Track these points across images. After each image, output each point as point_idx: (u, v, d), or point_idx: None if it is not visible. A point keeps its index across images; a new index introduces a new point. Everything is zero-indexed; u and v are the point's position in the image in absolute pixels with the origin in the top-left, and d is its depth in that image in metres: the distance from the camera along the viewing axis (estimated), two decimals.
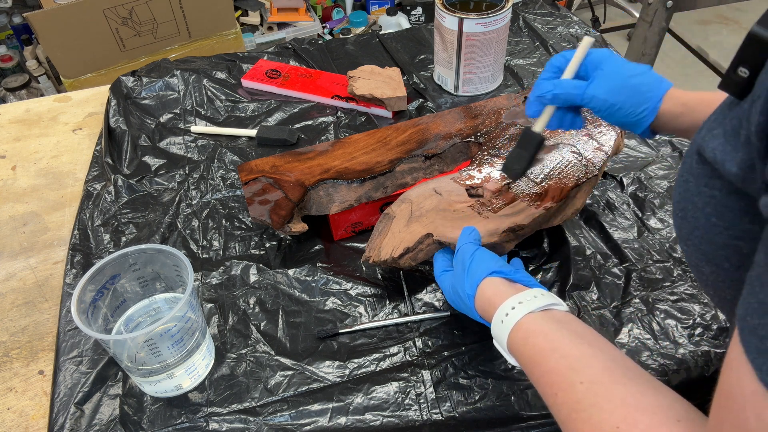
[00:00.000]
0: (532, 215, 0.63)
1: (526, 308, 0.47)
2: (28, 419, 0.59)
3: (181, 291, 0.60)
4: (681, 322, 0.63)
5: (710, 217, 0.33)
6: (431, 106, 0.93)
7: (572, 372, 0.41)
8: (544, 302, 0.47)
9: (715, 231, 0.33)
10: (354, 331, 0.63)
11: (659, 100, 0.54)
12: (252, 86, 0.98)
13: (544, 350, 0.44)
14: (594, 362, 0.41)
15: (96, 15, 1.45)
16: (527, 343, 0.45)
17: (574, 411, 0.39)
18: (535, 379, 0.44)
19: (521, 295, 0.48)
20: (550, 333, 0.44)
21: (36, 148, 0.91)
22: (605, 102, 0.55)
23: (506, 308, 0.48)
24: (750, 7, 2.66)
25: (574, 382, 0.40)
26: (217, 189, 0.81)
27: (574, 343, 0.43)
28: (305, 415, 0.56)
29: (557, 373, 0.42)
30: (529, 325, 0.46)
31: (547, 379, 0.42)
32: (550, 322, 0.45)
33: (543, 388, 0.43)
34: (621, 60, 0.56)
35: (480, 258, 0.54)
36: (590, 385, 0.39)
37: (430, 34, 1.11)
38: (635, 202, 0.76)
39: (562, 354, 0.42)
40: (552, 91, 0.57)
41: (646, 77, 0.55)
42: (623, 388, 0.38)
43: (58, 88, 1.91)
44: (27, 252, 0.75)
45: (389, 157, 0.73)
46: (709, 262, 0.34)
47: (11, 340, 0.66)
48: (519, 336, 0.46)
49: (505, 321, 0.47)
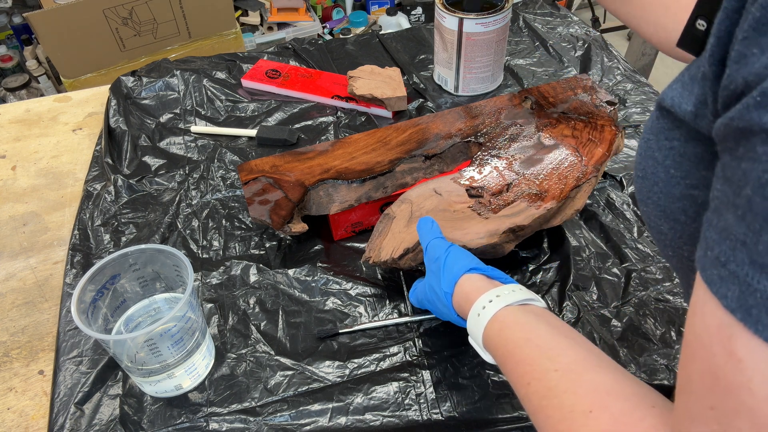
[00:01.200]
0: (533, 216, 0.63)
1: (503, 301, 0.46)
2: (28, 419, 0.59)
3: (181, 291, 0.60)
4: (681, 322, 0.63)
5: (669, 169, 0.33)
6: (431, 106, 0.93)
7: (546, 360, 0.41)
8: (521, 296, 0.47)
9: (673, 182, 0.33)
10: (354, 331, 0.63)
11: None
12: (252, 86, 0.98)
13: (519, 340, 0.43)
14: (569, 351, 0.41)
15: (96, 15, 1.45)
16: (502, 335, 0.45)
17: (545, 398, 0.39)
18: (508, 370, 0.44)
19: (499, 289, 0.48)
20: (525, 324, 0.44)
21: (36, 148, 0.91)
22: None
23: (483, 302, 0.47)
24: None
25: (548, 369, 0.40)
26: (217, 189, 0.81)
27: (550, 334, 0.43)
28: (305, 415, 0.56)
29: (531, 362, 0.41)
30: (506, 317, 0.46)
31: (521, 368, 0.42)
32: (527, 314, 0.45)
33: (516, 378, 0.42)
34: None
35: (456, 255, 0.54)
36: (564, 372, 0.39)
37: (430, 34, 1.11)
38: (635, 202, 0.76)
39: (537, 344, 0.42)
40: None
41: None
42: (597, 376, 0.38)
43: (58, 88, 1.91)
44: (27, 252, 0.75)
45: (389, 157, 0.73)
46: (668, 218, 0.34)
47: (11, 340, 0.66)
48: (494, 328, 0.46)
49: (481, 314, 0.47)
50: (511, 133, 0.75)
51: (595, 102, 0.77)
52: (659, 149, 0.34)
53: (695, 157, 0.32)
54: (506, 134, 0.75)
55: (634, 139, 0.86)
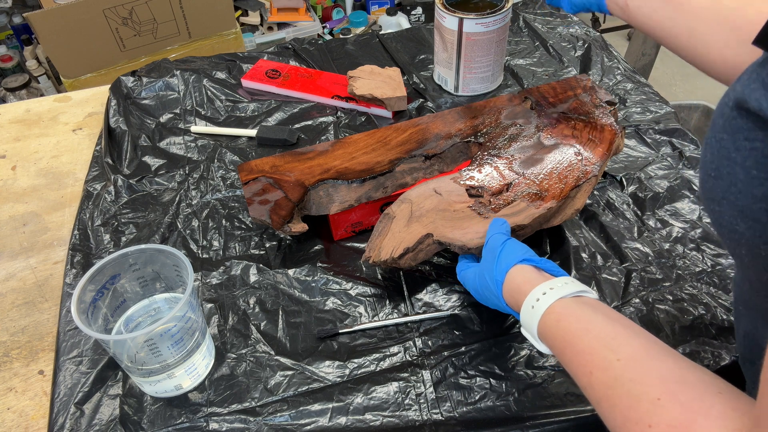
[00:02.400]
0: (533, 215, 0.63)
1: (557, 294, 0.47)
2: (28, 419, 0.59)
3: (181, 291, 0.60)
4: (681, 322, 0.63)
5: (750, 170, 0.33)
6: (431, 106, 0.93)
7: (608, 350, 0.41)
8: (575, 288, 0.47)
9: (756, 183, 0.33)
10: (354, 331, 0.63)
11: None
12: (252, 86, 0.98)
13: (578, 331, 0.44)
14: (630, 341, 0.41)
15: (96, 15, 1.45)
16: (559, 327, 0.45)
17: (611, 388, 0.39)
18: (566, 361, 0.44)
19: (552, 281, 0.48)
20: (582, 315, 0.45)
21: (36, 148, 0.91)
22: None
23: (537, 294, 0.48)
24: None
25: (610, 359, 0.40)
26: (217, 189, 0.81)
27: (608, 324, 0.43)
28: (305, 415, 0.56)
29: (591, 352, 0.42)
30: (561, 309, 0.46)
31: (581, 359, 0.42)
32: (582, 306, 0.46)
33: (576, 368, 0.43)
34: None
35: (510, 247, 0.54)
36: (628, 361, 0.39)
37: (430, 34, 1.11)
38: (635, 202, 0.76)
39: (596, 335, 0.42)
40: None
41: None
42: (662, 364, 0.38)
43: (58, 88, 1.91)
44: (27, 252, 0.75)
45: (389, 157, 0.73)
46: (746, 218, 0.34)
47: (11, 340, 0.66)
48: (551, 320, 0.46)
49: (536, 306, 0.47)
50: (511, 133, 0.75)
51: (595, 102, 0.77)
52: (737, 150, 0.34)
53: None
54: (506, 134, 0.75)
55: (634, 139, 0.86)
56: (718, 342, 0.61)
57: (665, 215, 0.74)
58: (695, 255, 0.69)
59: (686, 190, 0.77)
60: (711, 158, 0.36)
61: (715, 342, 0.61)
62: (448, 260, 0.71)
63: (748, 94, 0.33)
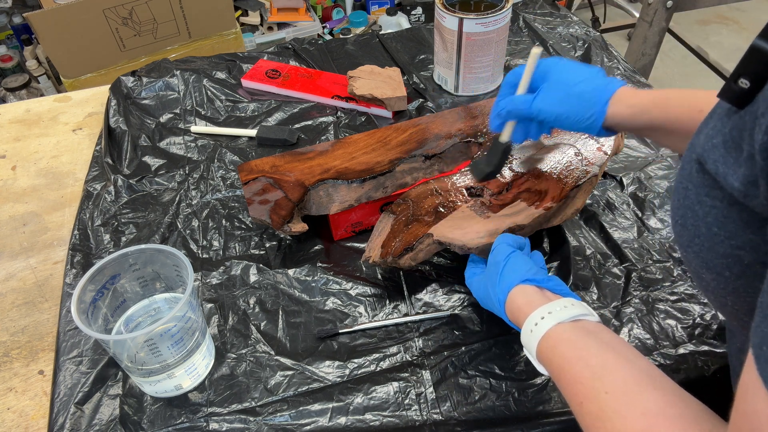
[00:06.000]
0: (532, 215, 0.63)
1: (555, 318, 0.47)
2: (28, 419, 0.59)
3: (181, 291, 0.60)
4: (681, 322, 0.63)
5: (711, 226, 0.33)
6: (431, 106, 0.93)
7: (596, 380, 0.41)
8: (573, 312, 0.47)
9: (716, 240, 0.33)
10: (354, 331, 0.63)
11: (605, 104, 0.55)
12: (252, 86, 0.98)
13: (570, 359, 0.44)
14: (619, 371, 0.41)
15: (96, 15, 1.45)
16: (554, 353, 0.45)
17: (599, 419, 0.40)
18: (562, 388, 0.44)
19: (551, 305, 0.48)
20: (576, 342, 0.45)
21: (36, 148, 0.91)
22: (551, 113, 0.57)
23: (535, 318, 0.48)
24: (750, 7, 2.66)
25: (598, 390, 0.40)
26: (217, 189, 0.81)
27: (600, 352, 0.43)
28: (305, 415, 0.56)
29: (582, 381, 0.42)
30: (557, 335, 0.46)
31: (573, 388, 0.43)
32: (579, 331, 0.46)
33: (569, 396, 0.43)
34: (568, 67, 0.58)
35: (513, 263, 0.54)
36: (614, 394, 0.40)
37: (430, 34, 1.11)
38: (635, 202, 0.76)
39: (587, 363, 0.43)
40: (505, 108, 0.60)
41: (590, 83, 0.56)
42: (647, 397, 0.39)
43: (58, 88, 1.91)
44: (27, 252, 0.75)
45: (389, 157, 0.73)
46: (710, 270, 0.34)
47: (11, 340, 0.66)
48: (547, 345, 0.46)
49: (534, 330, 0.47)
50: None
51: None
52: (699, 204, 0.34)
53: (741, 221, 0.32)
54: None
55: (634, 139, 0.86)
56: (718, 342, 0.61)
57: (665, 215, 0.74)
58: None
59: None
60: (677, 205, 0.36)
61: (715, 342, 0.61)
62: (448, 260, 0.71)
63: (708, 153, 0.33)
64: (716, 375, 0.58)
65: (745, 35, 2.54)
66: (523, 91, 0.60)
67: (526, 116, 0.59)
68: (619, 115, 0.54)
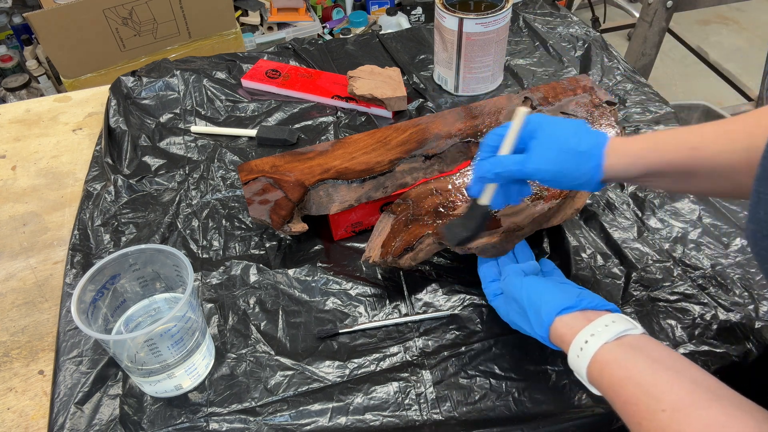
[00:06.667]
0: (532, 215, 0.63)
1: (599, 340, 0.46)
2: (28, 419, 0.59)
3: (181, 291, 0.60)
4: (681, 322, 0.63)
5: None
6: (431, 106, 0.93)
7: (651, 399, 0.41)
8: (616, 330, 0.47)
9: None
10: (354, 331, 0.63)
11: (601, 156, 0.52)
12: (252, 86, 0.98)
13: (621, 379, 0.44)
14: (674, 387, 0.41)
15: (96, 15, 1.45)
16: (603, 375, 0.45)
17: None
18: (617, 409, 0.44)
19: (592, 326, 0.48)
20: (624, 361, 0.44)
21: (36, 148, 0.91)
22: (548, 171, 0.53)
23: (579, 342, 0.47)
24: (750, 7, 2.66)
25: (655, 410, 0.40)
26: (217, 189, 0.81)
27: (651, 369, 0.43)
28: (305, 415, 0.56)
29: (636, 402, 0.42)
30: (604, 356, 0.46)
31: (629, 409, 0.42)
32: (625, 349, 0.45)
33: (626, 417, 0.43)
34: (554, 123, 0.55)
35: (541, 294, 0.53)
36: (672, 412, 0.39)
37: (430, 34, 1.11)
38: (635, 202, 0.76)
39: (639, 381, 0.42)
40: (492, 170, 0.54)
41: (582, 137, 0.53)
42: (707, 413, 0.38)
43: (58, 88, 1.91)
44: (27, 252, 0.75)
45: (389, 157, 0.73)
46: None
47: (11, 340, 0.66)
48: (596, 369, 0.46)
49: (580, 355, 0.47)
50: None
51: (594, 102, 0.77)
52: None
53: None
54: None
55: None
56: (718, 342, 0.61)
57: (665, 215, 0.74)
58: (695, 255, 0.69)
59: None
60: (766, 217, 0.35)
61: (715, 342, 0.61)
62: (448, 260, 0.71)
63: None
64: (716, 375, 0.58)
65: (745, 35, 2.54)
66: (507, 151, 0.55)
67: (517, 177, 0.55)
68: (616, 165, 0.52)
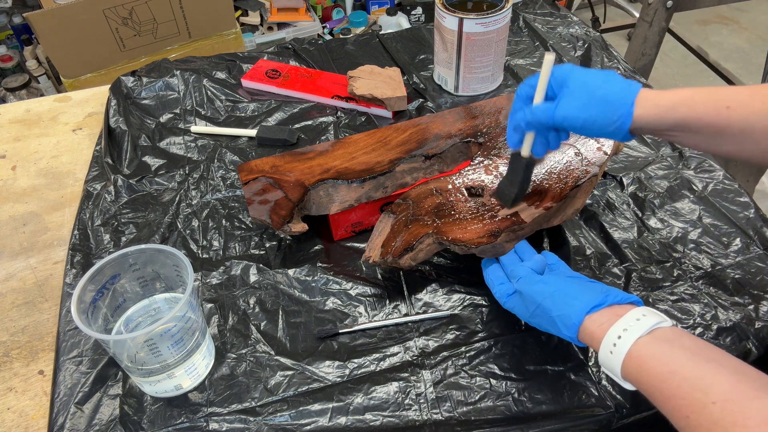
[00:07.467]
0: (532, 215, 0.63)
1: (632, 335, 0.46)
2: (28, 419, 0.59)
3: (181, 291, 0.60)
4: (681, 322, 0.63)
5: None
6: (431, 106, 0.93)
7: (699, 393, 0.41)
8: (648, 324, 0.46)
9: None
10: (354, 331, 0.63)
11: (631, 105, 0.52)
12: (252, 86, 0.98)
13: (663, 375, 0.43)
14: (720, 379, 0.41)
15: (96, 15, 1.45)
16: (642, 371, 0.45)
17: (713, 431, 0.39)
18: (659, 404, 0.44)
19: (623, 321, 0.47)
20: (663, 356, 0.44)
21: (36, 148, 0.91)
22: (578, 119, 0.53)
23: (612, 338, 0.47)
24: (750, 7, 2.66)
25: (705, 403, 0.40)
26: (217, 189, 0.81)
27: (693, 362, 0.42)
28: (305, 415, 0.56)
29: (683, 396, 0.41)
30: (640, 352, 0.45)
31: (674, 403, 0.42)
32: (661, 343, 0.45)
33: (670, 411, 0.43)
34: (584, 72, 0.55)
35: (565, 295, 0.53)
36: (724, 403, 0.39)
37: (430, 34, 1.11)
38: (635, 202, 0.76)
39: (683, 376, 0.42)
40: (524, 119, 0.56)
41: (612, 85, 0.53)
42: (760, 402, 0.38)
43: (58, 88, 1.91)
44: (27, 252, 0.75)
45: (389, 157, 0.73)
46: None
47: (11, 340, 0.66)
48: (632, 365, 0.46)
49: (614, 351, 0.47)
50: None
51: None
52: None
53: None
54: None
55: (634, 138, 0.86)
56: (718, 342, 0.61)
57: (665, 215, 0.74)
58: (695, 255, 0.69)
59: (686, 190, 0.77)
60: None
61: (715, 342, 0.61)
62: (448, 260, 0.71)
63: None
64: None
65: (745, 35, 2.54)
66: (539, 100, 0.57)
67: (548, 125, 0.56)
68: (646, 115, 0.52)
